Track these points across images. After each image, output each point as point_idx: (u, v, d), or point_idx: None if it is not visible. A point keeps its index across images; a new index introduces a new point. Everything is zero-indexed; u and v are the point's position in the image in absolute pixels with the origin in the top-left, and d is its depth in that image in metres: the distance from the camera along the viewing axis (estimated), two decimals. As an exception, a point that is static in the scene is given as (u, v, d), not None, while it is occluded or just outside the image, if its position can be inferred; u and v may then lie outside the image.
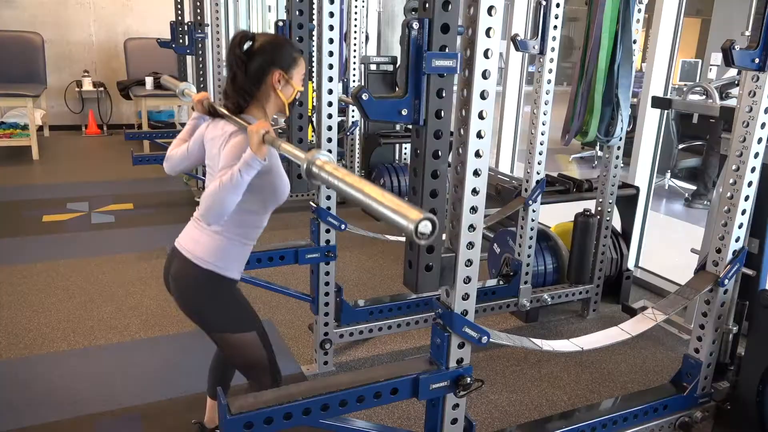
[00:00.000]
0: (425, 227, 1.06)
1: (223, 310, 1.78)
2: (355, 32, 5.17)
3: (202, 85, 4.69)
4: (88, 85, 7.62)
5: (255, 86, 1.76)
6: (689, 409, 2.24)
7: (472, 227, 1.45)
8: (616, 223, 3.45)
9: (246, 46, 1.73)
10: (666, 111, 3.65)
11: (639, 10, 2.90)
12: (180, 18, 4.95)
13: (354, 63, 5.22)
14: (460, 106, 1.41)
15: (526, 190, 3.01)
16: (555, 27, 2.80)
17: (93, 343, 2.89)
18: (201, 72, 4.66)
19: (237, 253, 1.79)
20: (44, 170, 6.12)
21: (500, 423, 2.41)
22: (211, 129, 1.83)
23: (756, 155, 2.01)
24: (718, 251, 2.12)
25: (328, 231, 2.52)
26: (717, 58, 7.28)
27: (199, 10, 4.55)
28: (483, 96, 1.37)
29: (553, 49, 2.83)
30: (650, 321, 2.23)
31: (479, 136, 1.39)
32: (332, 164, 1.30)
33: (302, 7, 2.42)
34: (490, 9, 1.33)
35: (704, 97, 3.48)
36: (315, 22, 2.45)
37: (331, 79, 2.42)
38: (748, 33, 1.96)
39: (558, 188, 3.34)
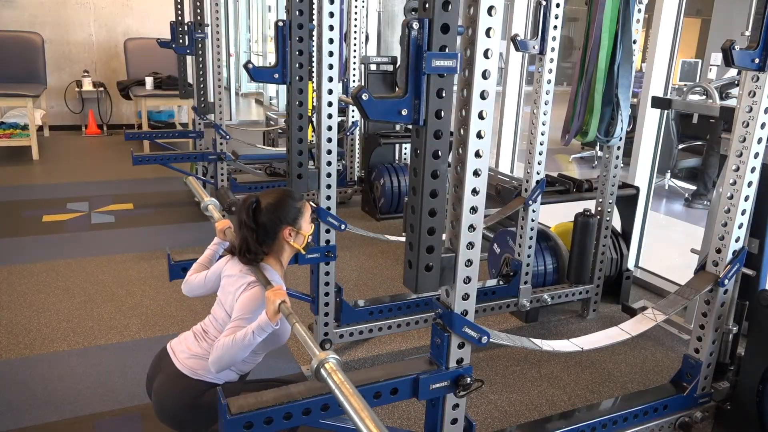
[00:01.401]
0: None
1: (206, 411, 1.79)
2: (355, 32, 5.17)
3: (201, 86, 4.69)
4: (88, 85, 7.63)
5: (267, 246, 1.86)
6: (689, 409, 2.24)
7: (472, 227, 1.45)
8: (616, 223, 3.45)
9: (252, 210, 1.82)
10: (666, 111, 3.65)
11: (639, 10, 2.90)
12: (180, 18, 4.95)
13: (354, 63, 5.22)
14: (460, 106, 1.41)
15: (526, 190, 3.01)
16: (555, 27, 2.80)
17: (93, 343, 2.89)
18: (201, 72, 4.66)
19: (229, 376, 1.86)
20: (44, 170, 6.12)
21: (500, 423, 2.41)
22: (229, 266, 1.90)
23: (756, 155, 2.01)
24: (718, 251, 2.12)
25: (328, 231, 2.52)
26: (717, 58, 7.28)
27: (199, 10, 4.54)
28: (483, 96, 1.37)
29: (553, 49, 2.83)
30: (650, 321, 2.22)
31: (479, 136, 1.39)
32: (340, 375, 1.32)
33: (302, 7, 2.42)
34: (490, 9, 1.33)
35: (704, 97, 3.48)
36: (315, 22, 2.45)
37: (331, 79, 2.42)
38: (748, 33, 1.96)
39: (558, 188, 3.34)
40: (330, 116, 2.44)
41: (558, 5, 2.77)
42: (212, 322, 1.89)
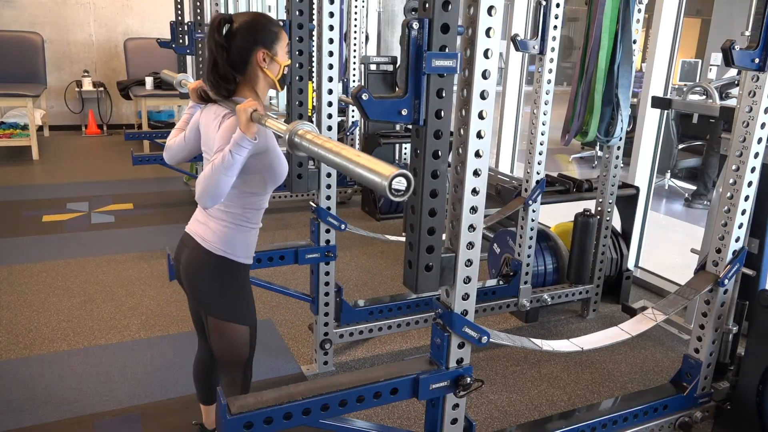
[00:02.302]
0: (399, 183, 1.08)
1: (228, 297, 1.79)
2: (355, 32, 5.17)
3: (202, 85, 4.68)
4: (88, 85, 7.63)
5: (240, 70, 1.75)
6: (689, 409, 2.24)
7: (472, 227, 1.45)
8: (616, 223, 3.45)
9: (225, 30, 1.72)
10: (666, 111, 3.65)
11: (639, 10, 2.90)
12: (180, 18, 4.95)
13: (354, 63, 5.22)
14: (460, 106, 1.41)
15: (526, 190, 3.01)
16: (555, 27, 2.80)
17: (93, 343, 2.89)
18: (201, 72, 4.65)
19: (244, 237, 1.80)
20: (44, 170, 6.12)
21: (500, 423, 2.41)
22: (205, 114, 1.83)
23: (756, 155, 2.01)
24: (718, 251, 2.12)
25: (328, 231, 2.52)
26: (717, 58, 7.29)
27: (199, 10, 4.54)
28: (483, 96, 1.37)
29: (553, 49, 2.83)
30: (650, 321, 2.22)
31: (479, 136, 1.39)
32: (313, 133, 1.35)
33: (302, 7, 2.42)
34: (490, 9, 1.33)
35: (704, 97, 3.47)
36: (315, 22, 2.45)
37: (331, 79, 2.42)
38: (748, 33, 1.96)
39: (558, 188, 3.34)
40: (330, 116, 2.44)
41: (558, 5, 2.77)
42: None
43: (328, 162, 1.27)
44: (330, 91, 2.42)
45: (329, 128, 2.44)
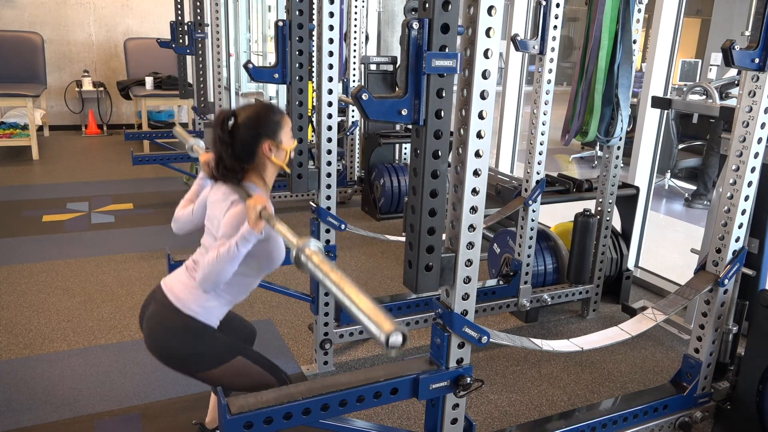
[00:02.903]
0: (396, 340, 1.11)
1: (199, 354, 1.77)
2: (355, 32, 5.17)
3: (201, 86, 4.69)
4: (88, 85, 7.63)
5: (247, 160, 1.79)
6: (689, 409, 2.24)
7: (472, 227, 1.45)
8: (616, 223, 3.45)
9: (228, 126, 1.75)
10: (666, 111, 3.65)
11: (639, 10, 2.90)
12: (180, 18, 4.95)
13: (354, 63, 5.22)
14: (460, 106, 1.41)
15: (526, 190, 3.01)
16: (555, 27, 2.80)
17: (93, 343, 2.89)
18: (201, 72, 4.66)
19: (222, 309, 1.82)
20: (44, 170, 6.12)
21: (500, 423, 2.41)
22: (213, 192, 1.85)
23: (756, 155, 2.01)
24: (718, 251, 2.12)
25: (328, 231, 2.52)
26: (717, 58, 7.29)
27: (199, 10, 4.55)
28: (483, 96, 1.37)
29: (553, 49, 2.83)
30: (650, 321, 2.22)
31: (479, 136, 1.39)
32: (319, 256, 1.34)
33: (302, 7, 2.42)
34: (490, 9, 1.33)
35: (704, 97, 3.48)
36: (315, 22, 2.45)
37: (331, 79, 2.42)
38: (748, 33, 1.96)
39: (558, 188, 3.34)
40: (330, 116, 2.44)
41: (558, 5, 2.77)
42: (201, 253, 1.85)
43: (329, 291, 1.26)
44: (330, 91, 2.42)
45: (329, 128, 2.44)
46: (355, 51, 5.21)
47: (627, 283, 3.47)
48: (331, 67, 2.41)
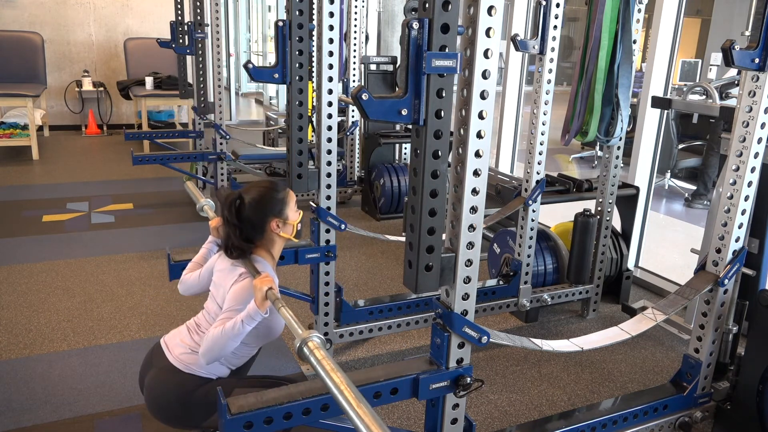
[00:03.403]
0: None
1: (199, 404, 1.79)
2: (355, 32, 5.17)
3: (201, 86, 4.69)
4: (88, 85, 7.63)
5: (255, 239, 1.86)
6: (689, 409, 2.24)
7: (472, 227, 1.45)
8: (616, 223, 3.45)
9: (236, 207, 1.81)
10: (666, 111, 3.65)
11: (639, 10, 2.90)
12: (180, 18, 4.95)
13: (354, 63, 5.22)
14: (460, 106, 1.41)
15: (526, 190, 3.01)
16: (555, 27, 2.80)
17: (93, 342, 2.89)
18: (201, 72, 4.66)
19: (221, 371, 1.85)
20: (44, 170, 6.12)
21: (500, 423, 2.41)
22: (220, 261, 1.90)
23: (756, 155, 2.01)
24: (718, 251, 2.12)
25: (328, 231, 2.52)
26: (717, 58, 7.28)
27: (199, 10, 4.54)
28: (483, 96, 1.37)
29: (553, 49, 2.83)
30: (650, 321, 2.22)
31: (479, 136, 1.39)
32: (321, 352, 1.36)
33: (302, 7, 2.42)
34: (490, 9, 1.33)
35: (704, 97, 3.48)
36: (315, 22, 2.45)
37: (331, 79, 2.42)
38: (748, 33, 1.96)
39: (558, 188, 3.34)
40: (330, 116, 2.44)
41: (558, 5, 2.77)
42: (205, 316, 1.89)
43: (329, 390, 1.25)
44: (330, 91, 2.42)
45: (329, 128, 2.44)
46: (355, 51, 5.21)
47: (627, 283, 3.47)
48: (331, 67, 2.41)
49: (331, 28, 2.38)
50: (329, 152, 2.46)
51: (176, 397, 1.79)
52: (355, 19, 5.10)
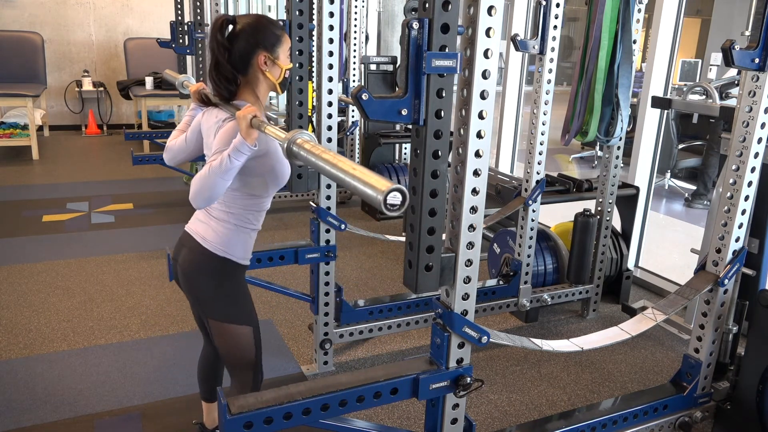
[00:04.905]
0: (394, 198, 1.09)
1: (226, 297, 1.79)
2: (355, 32, 5.17)
3: (202, 85, 4.68)
4: (88, 85, 7.63)
5: (241, 71, 1.76)
6: (689, 409, 2.24)
7: (472, 227, 1.45)
8: (616, 223, 3.45)
9: (227, 31, 1.73)
10: (666, 111, 3.65)
11: (639, 10, 2.90)
12: (180, 18, 4.95)
13: (354, 63, 5.22)
14: (460, 106, 1.41)
15: (526, 190, 3.01)
16: (555, 27, 2.80)
17: (93, 343, 2.89)
18: (201, 72, 4.66)
19: (244, 239, 1.81)
20: (44, 170, 6.12)
21: (500, 423, 2.41)
22: (206, 117, 1.83)
23: (756, 155, 2.01)
24: (718, 251, 2.12)
25: (328, 231, 2.52)
26: (717, 58, 7.29)
27: (199, 10, 4.55)
28: (483, 96, 1.37)
29: (553, 49, 2.83)
30: (650, 321, 2.22)
31: (479, 136, 1.39)
32: (311, 143, 1.35)
33: (302, 7, 2.42)
34: (490, 9, 1.33)
35: (704, 97, 3.47)
36: (315, 22, 2.45)
37: (331, 79, 2.42)
38: (748, 33, 1.96)
39: (558, 188, 3.34)
40: (330, 116, 2.44)
41: (558, 5, 2.77)
42: None
43: (324, 172, 1.27)
44: (330, 91, 2.42)
45: (329, 128, 2.44)
46: (355, 51, 5.21)
47: (627, 283, 3.47)
48: (331, 67, 2.41)
49: (331, 28, 2.38)
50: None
51: (209, 278, 1.77)
52: (355, 19, 5.11)
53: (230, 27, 1.73)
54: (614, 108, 2.87)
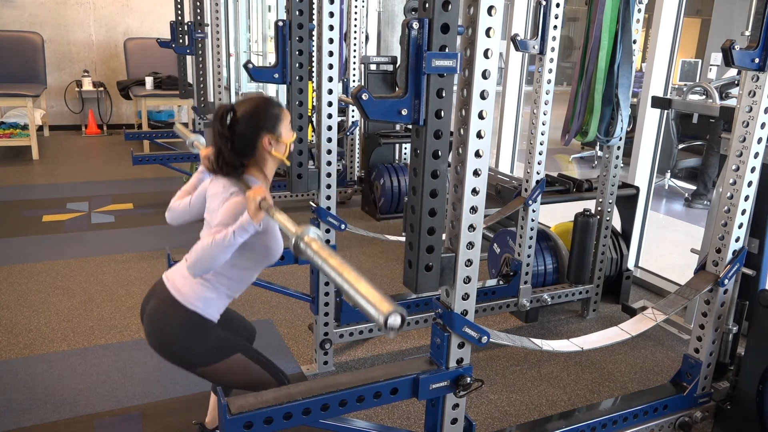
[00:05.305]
0: (394, 321, 1.10)
1: (199, 348, 1.77)
2: (355, 32, 5.17)
3: (201, 86, 4.69)
4: (88, 85, 7.63)
5: (247, 155, 1.79)
6: (689, 409, 2.24)
7: (472, 227, 1.45)
8: (616, 223, 3.45)
9: (228, 120, 1.75)
10: (666, 111, 3.65)
11: (639, 10, 2.90)
12: (180, 18, 4.95)
13: (354, 63, 5.22)
14: (460, 106, 1.41)
15: (526, 190, 3.01)
16: (555, 27, 2.80)
17: (93, 343, 2.89)
18: (201, 72, 4.66)
19: (220, 303, 1.82)
20: (44, 170, 6.12)
21: (500, 423, 2.41)
22: (213, 185, 1.85)
23: (756, 155, 2.01)
24: (718, 251, 2.12)
25: (328, 231, 2.52)
26: (717, 58, 7.29)
27: (199, 10, 4.55)
28: (483, 96, 1.37)
29: (553, 49, 2.83)
30: (650, 321, 2.23)
31: (479, 136, 1.39)
32: (318, 243, 1.35)
33: (302, 7, 2.42)
34: (490, 9, 1.33)
35: (704, 97, 3.48)
36: (315, 22, 2.45)
37: (331, 79, 2.42)
38: (748, 33, 1.96)
39: (558, 188, 3.34)
40: (330, 116, 2.44)
41: (558, 5, 2.77)
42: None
43: (329, 277, 1.26)
44: (330, 91, 2.42)
45: (329, 128, 2.44)
46: (355, 51, 5.21)
47: (627, 283, 3.47)
48: (331, 67, 2.41)
49: (331, 28, 2.38)
50: (329, 152, 2.46)
51: (175, 331, 1.75)
52: (355, 19, 5.10)
53: (230, 115, 1.76)
54: (614, 108, 2.87)
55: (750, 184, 2.04)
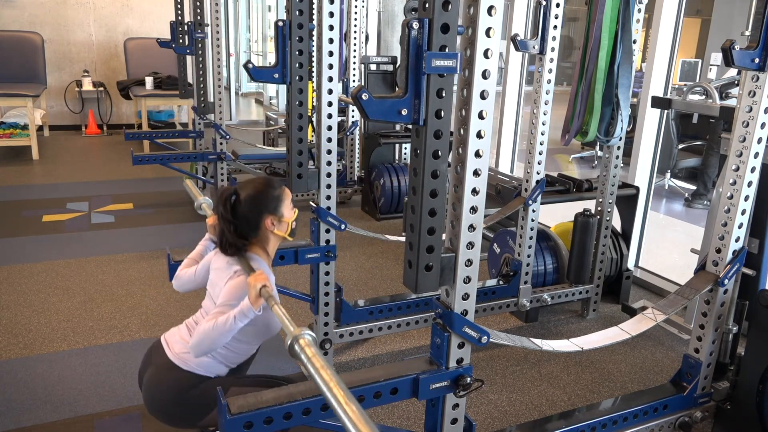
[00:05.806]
0: None
1: (195, 403, 1.79)
2: (355, 32, 5.17)
3: (201, 86, 4.69)
4: (87, 85, 7.63)
5: (249, 236, 1.85)
6: (689, 409, 2.24)
7: (472, 227, 1.45)
8: (616, 223, 3.45)
9: (231, 204, 1.81)
10: (666, 111, 3.65)
11: (639, 10, 2.90)
12: (180, 18, 4.95)
13: (354, 63, 5.22)
14: (460, 106, 1.41)
15: (526, 190, 3.01)
16: (555, 27, 2.80)
17: (93, 343, 2.89)
18: (201, 72, 4.66)
19: (219, 366, 1.85)
20: (44, 170, 6.12)
21: (500, 423, 2.41)
22: (217, 258, 1.90)
23: (756, 155, 2.01)
24: (718, 251, 2.12)
25: (328, 231, 2.52)
26: (717, 58, 7.28)
27: (199, 10, 4.54)
28: (483, 96, 1.37)
29: (553, 49, 2.83)
30: (650, 321, 2.22)
31: (479, 136, 1.39)
32: (312, 349, 1.34)
33: (302, 7, 2.42)
34: (490, 9, 1.33)
35: (704, 97, 3.47)
36: (315, 22, 2.45)
37: (331, 79, 2.42)
38: (748, 33, 1.96)
39: (558, 188, 3.34)
40: (330, 116, 2.44)
41: (558, 5, 2.77)
42: (203, 314, 1.89)
43: (319, 388, 1.23)
44: (330, 91, 2.42)
45: (329, 128, 2.44)
46: (355, 51, 5.21)
47: (627, 283, 3.47)
48: (331, 67, 2.41)
49: (331, 28, 2.38)
50: (329, 152, 2.46)
51: (174, 394, 1.78)
52: (355, 19, 5.10)
53: (233, 198, 1.82)
54: (614, 108, 2.87)
55: (750, 184, 2.04)
